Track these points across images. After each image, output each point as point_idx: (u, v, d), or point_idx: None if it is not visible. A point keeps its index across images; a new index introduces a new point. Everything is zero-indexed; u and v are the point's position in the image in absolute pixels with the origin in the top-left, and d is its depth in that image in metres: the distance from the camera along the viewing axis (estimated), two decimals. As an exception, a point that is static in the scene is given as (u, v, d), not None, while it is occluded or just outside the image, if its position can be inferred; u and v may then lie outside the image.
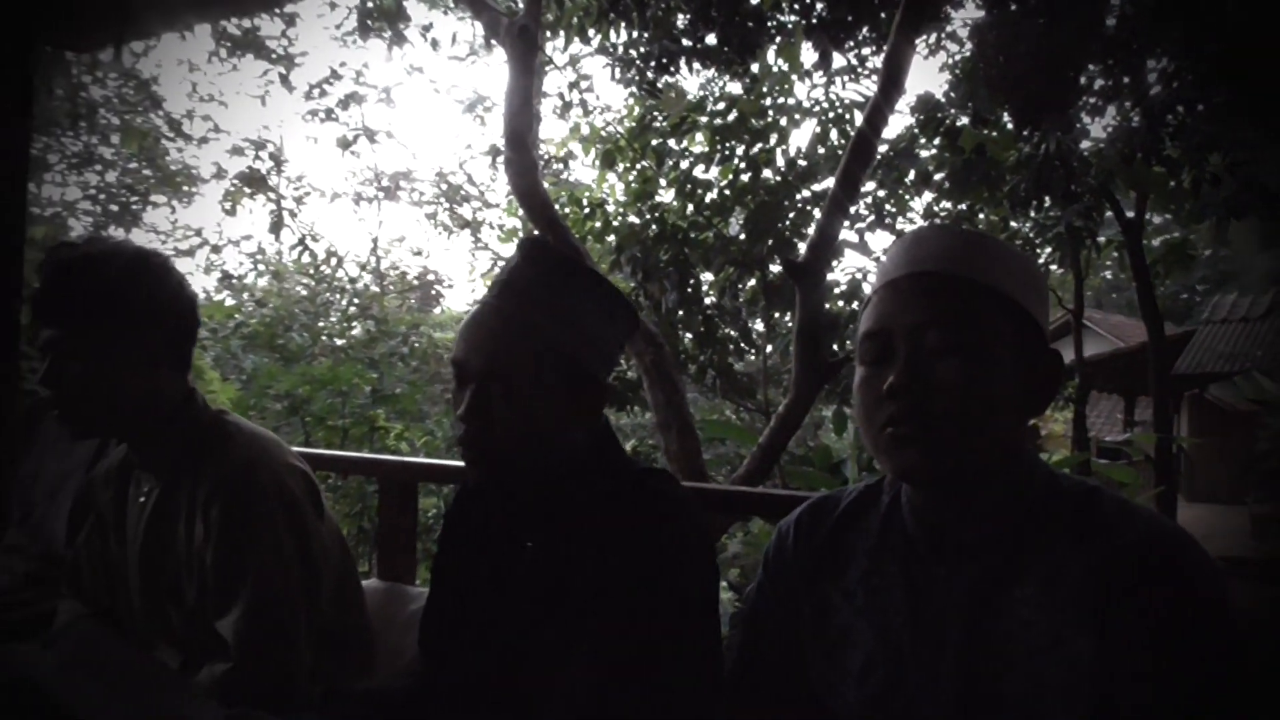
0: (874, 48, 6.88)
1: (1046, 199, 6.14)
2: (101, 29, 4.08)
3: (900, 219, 6.41)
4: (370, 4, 6.56)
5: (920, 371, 0.93)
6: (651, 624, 1.18)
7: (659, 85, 6.02)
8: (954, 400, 0.92)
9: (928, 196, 7.32)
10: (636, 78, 6.03)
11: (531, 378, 1.22)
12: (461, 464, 1.29)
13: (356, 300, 10.81)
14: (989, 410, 0.93)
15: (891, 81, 4.36)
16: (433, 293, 14.60)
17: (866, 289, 6.13)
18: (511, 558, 1.33)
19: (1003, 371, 0.93)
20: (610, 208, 6.50)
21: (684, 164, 6.27)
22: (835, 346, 5.85)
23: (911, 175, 6.90)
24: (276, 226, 10.10)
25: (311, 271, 10.71)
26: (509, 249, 11.96)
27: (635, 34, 5.89)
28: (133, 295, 1.46)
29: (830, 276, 5.78)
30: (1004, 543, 0.96)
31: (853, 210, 6.19)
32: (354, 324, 9.96)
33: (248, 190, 10.29)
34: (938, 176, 6.84)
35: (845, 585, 1.07)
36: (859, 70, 7.18)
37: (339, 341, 9.39)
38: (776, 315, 6.21)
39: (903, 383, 0.93)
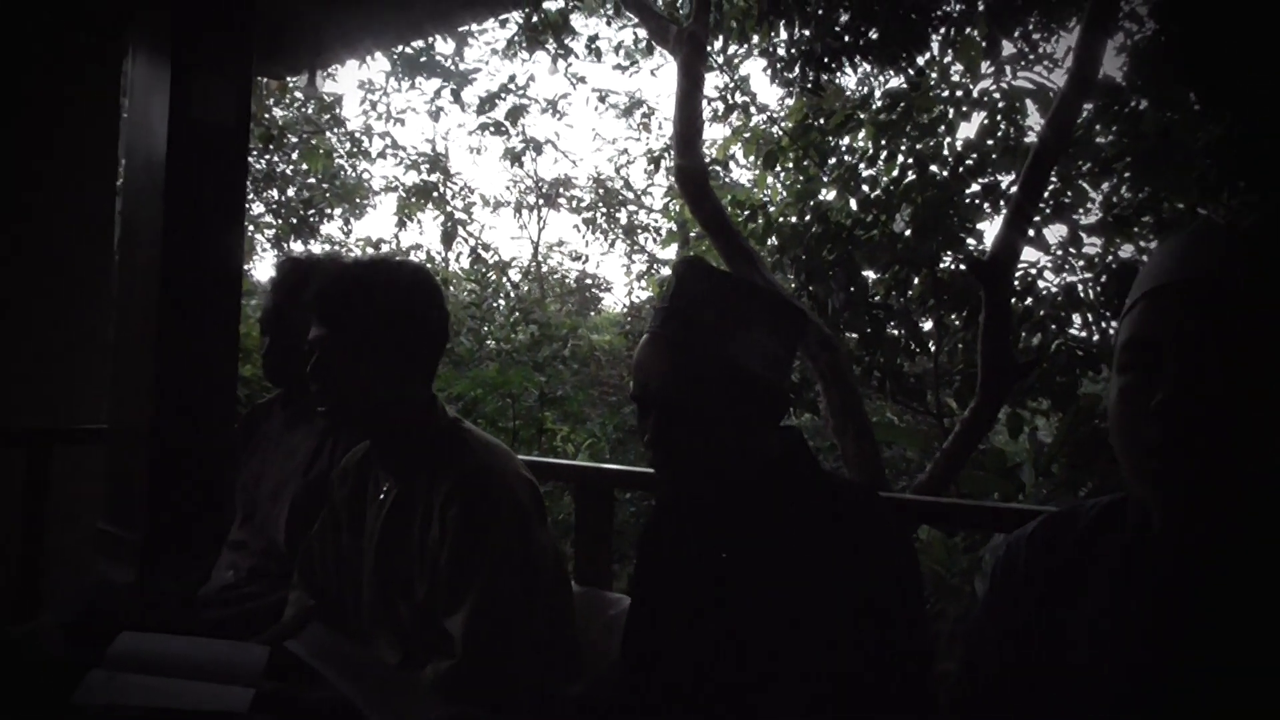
0: (1044, 33, 6.58)
1: (1241, 184, 5.70)
2: (297, 59, 4.36)
3: (1079, 211, 6.07)
4: (535, 19, 6.75)
5: (1195, 390, 0.85)
6: (860, 638, 1.18)
7: (821, 83, 5.93)
8: (1230, 428, 0.83)
9: (1105, 185, 6.93)
10: (797, 77, 5.96)
11: (706, 398, 1.25)
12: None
13: (519, 305, 11.10)
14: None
15: (1082, 77, 4.12)
16: (591, 296, 14.85)
17: (1040, 285, 5.87)
18: (710, 568, 1.35)
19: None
20: (771, 209, 6.45)
21: (847, 161, 6.15)
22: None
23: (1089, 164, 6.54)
24: (449, 237, 10.53)
25: (477, 278, 11.08)
26: (668, 253, 12.05)
27: (796, 33, 5.83)
28: (397, 307, 1.59)
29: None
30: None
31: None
32: (517, 328, 10.24)
33: (420, 202, 10.76)
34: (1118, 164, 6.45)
35: (1085, 613, 1.01)
36: (1029, 57, 6.88)
37: (504, 346, 9.66)
38: (947, 314, 6.00)
39: (1173, 401, 0.85)
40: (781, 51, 6.37)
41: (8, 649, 1.82)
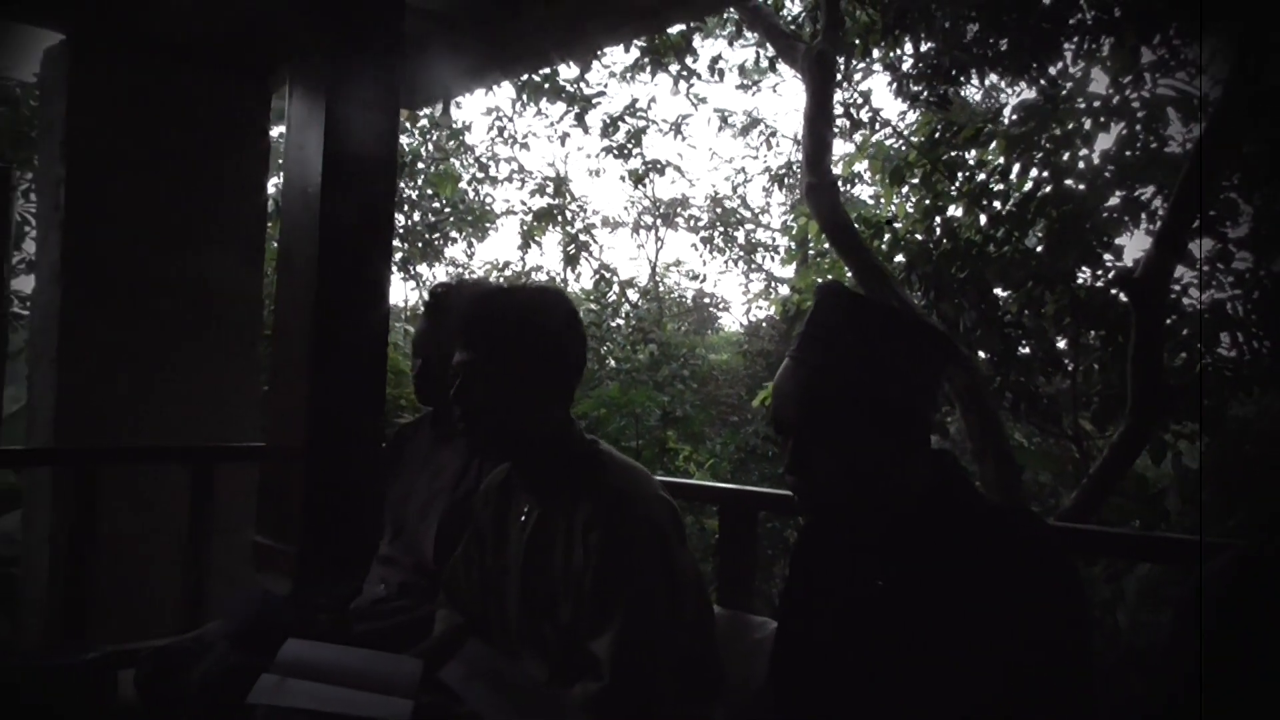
0: (1183, 39, 6.28)
1: None
2: (431, 90, 4.53)
3: (1227, 224, 5.76)
4: (657, 40, 6.84)
5: None
6: (1029, 671, 1.15)
7: (948, 97, 5.82)
8: None
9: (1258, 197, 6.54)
10: (924, 91, 5.86)
11: (846, 425, 1.23)
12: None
13: (638, 324, 11.19)
14: None
15: (1240, 84, 3.88)
16: (708, 315, 14.87)
17: (1185, 301, 5.58)
18: (863, 596, 1.33)
19: None
20: (897, 225, 6.34)
21: (977, 176, 6.00)
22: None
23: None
24: (573, 259, 10.72)
25: (598, 298, 11.23)
26: (787, 271, 11.94)
27: (923, 47, 5.74)
28: (539, 333, 1.64)
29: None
30: None
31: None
32: (637, 348, 10.32)
33: (543, 225, 10.99)
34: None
35: None
36: (1171, 64, 6.58)
37: (625, 365, 9.75)
38: (1084, 333, 5.78)
39: None
40: (907, 66, 6.28)
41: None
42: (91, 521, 2.74)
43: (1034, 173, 5.89)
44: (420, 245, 11.39)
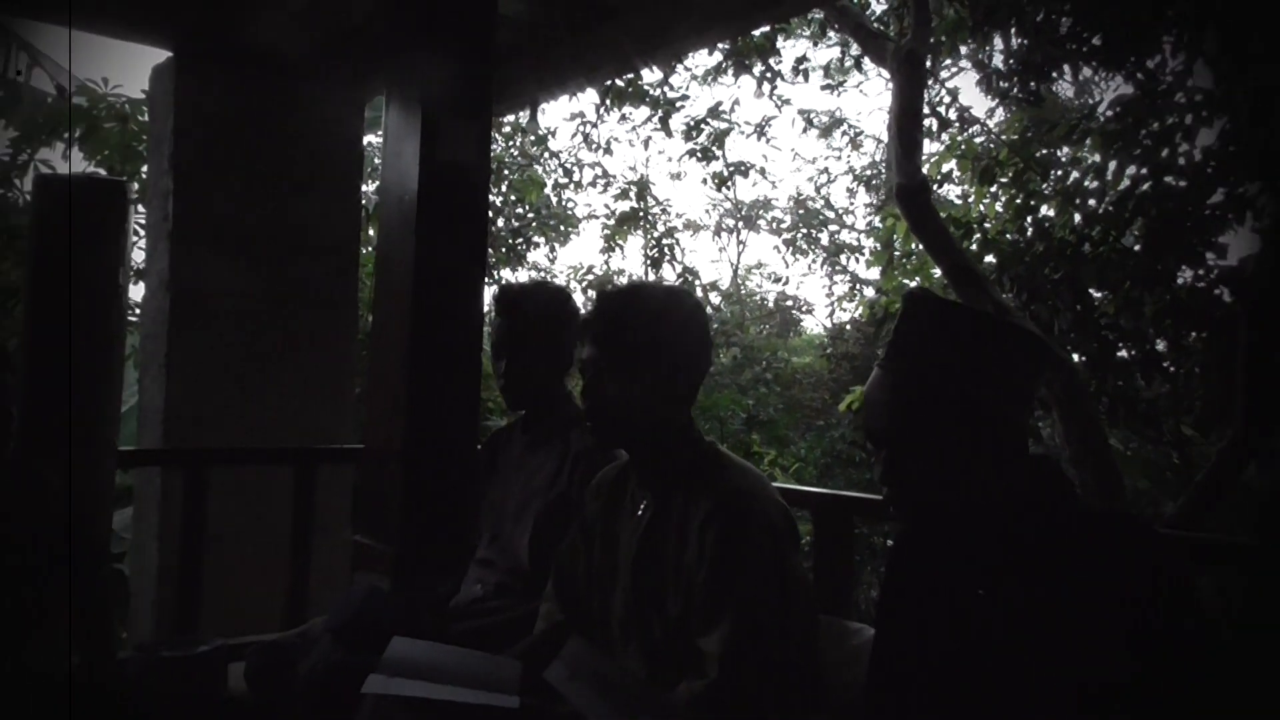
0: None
1: None
2: (519, 98, 4.60)
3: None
4: (740, 42, 6.82)
5: None
6: (1147, 681, 1.12)
7: (1040, 93, 5.68)
8: None
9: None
10: (1015, 88, 5.74)
11: (939, 433, 1.22)
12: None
13: (720, 327, 11.17)
14: None
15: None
16: (791, 317, 14.76)
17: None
18: (964, 604, 1.32)
19: None
20: (987, 226, 6.21)
21: (1072, 174, 5.85)
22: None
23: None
24: (657, 263, 10.77)
25: (680, 301, 11.21)
26: (872, 273, 11.80)
27: (1014, 43, 5.62)
28: (667, 334, 1.66)
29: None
30: None
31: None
32: (719, 350, 10.30)
33: (626, 228, 11.07)
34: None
35: None
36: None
37: (707, 368, 9.71)
38: (1185, 335, 5.57)
39: None
40: (996, 62, 6.17)
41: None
42: (202, 519, 2.85)
43: (1131, 169, 5.71)
44: (504, 250, 11.54)
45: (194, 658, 2.07)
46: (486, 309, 2.86)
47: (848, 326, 11.67)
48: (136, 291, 5.41)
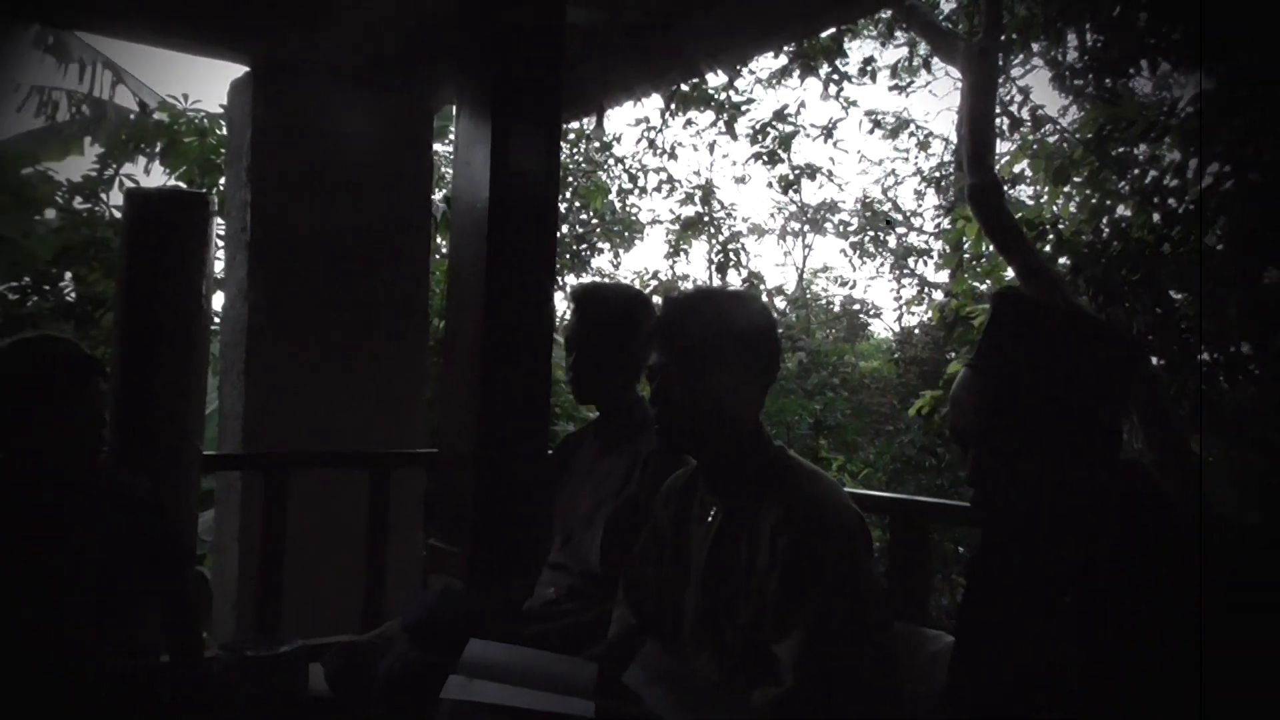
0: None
1: None
2: (585, 104, 4.63)
3: None
4: (806, 44, 6.79)
5: None
6: (1236, 693, 1.09)
7: (1117, 90, 5.55)
8: None
9: None
10: (1090, 85, 5.62)
11: (1027, 435, 1.20)
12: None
13: (786, 332, 11.10)
14: None
15: None
16: (858, 322, 14.60)
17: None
18: (1051, 612, 1.29)
19: None
20: (1061, 226, 6.08)
21: (1150, 173, 5.69)
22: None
23: None
24: (723, 267, 10.77)
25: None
26: (941, 276, 11.62)
27: (1089, 39, 5.50)
28: (735, 338, 1.67)
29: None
30: None
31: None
32: (784, 355, 10.24)
33: (690, 233, 11.08)
34: None
35: None
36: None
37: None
38: (1270, 338, 5.38)
39: None
40: (1070, 59, 6.04)
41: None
42: (283, 521, 2.93)
43: (1213, 167, 5.54)
44: (568, 256, 11.63)
45: (278, 657, 2.12)
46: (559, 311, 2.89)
47: (916, 330, 11.51)
48: (217, 300, 5.57)
